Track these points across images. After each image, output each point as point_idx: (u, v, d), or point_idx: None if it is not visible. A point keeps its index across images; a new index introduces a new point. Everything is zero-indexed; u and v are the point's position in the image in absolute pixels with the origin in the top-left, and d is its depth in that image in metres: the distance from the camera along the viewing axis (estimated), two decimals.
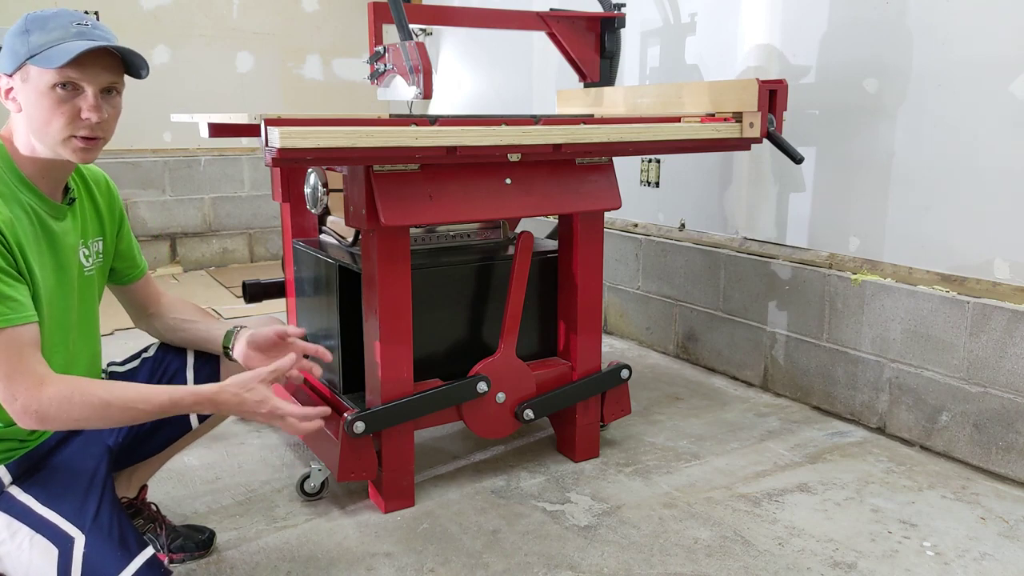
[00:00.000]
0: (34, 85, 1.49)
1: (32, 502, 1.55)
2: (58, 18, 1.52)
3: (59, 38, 1.48)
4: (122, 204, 1.86)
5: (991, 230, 2.47)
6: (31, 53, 1.48)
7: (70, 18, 1.52)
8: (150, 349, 1.96)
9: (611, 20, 3.16)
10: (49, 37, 1.48)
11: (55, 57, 1.46)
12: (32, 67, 1.48)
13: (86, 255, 1.71)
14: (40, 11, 1.54)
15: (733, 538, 2.13)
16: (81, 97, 1.51)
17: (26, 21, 1.52)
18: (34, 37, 1.48)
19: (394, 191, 1.99)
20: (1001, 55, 2.40)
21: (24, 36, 1.49)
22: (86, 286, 1.71)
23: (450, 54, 5.40)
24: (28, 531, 1.52)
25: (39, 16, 1.52)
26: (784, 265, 3.10)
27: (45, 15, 1.53)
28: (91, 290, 1.73)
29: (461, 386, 2.28)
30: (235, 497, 2.34)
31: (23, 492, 1.56)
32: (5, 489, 1.56)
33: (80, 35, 1.50)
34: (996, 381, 2.46)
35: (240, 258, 5.57)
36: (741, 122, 2.45)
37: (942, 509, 2.29)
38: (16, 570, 1.53)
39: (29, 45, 1.48)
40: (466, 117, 2.15)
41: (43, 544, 1.51)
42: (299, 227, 2.69)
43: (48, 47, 1.47)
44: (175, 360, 1.92)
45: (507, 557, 2.04)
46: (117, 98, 1.58)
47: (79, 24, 1.51)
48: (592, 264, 2.45)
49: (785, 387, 3.15)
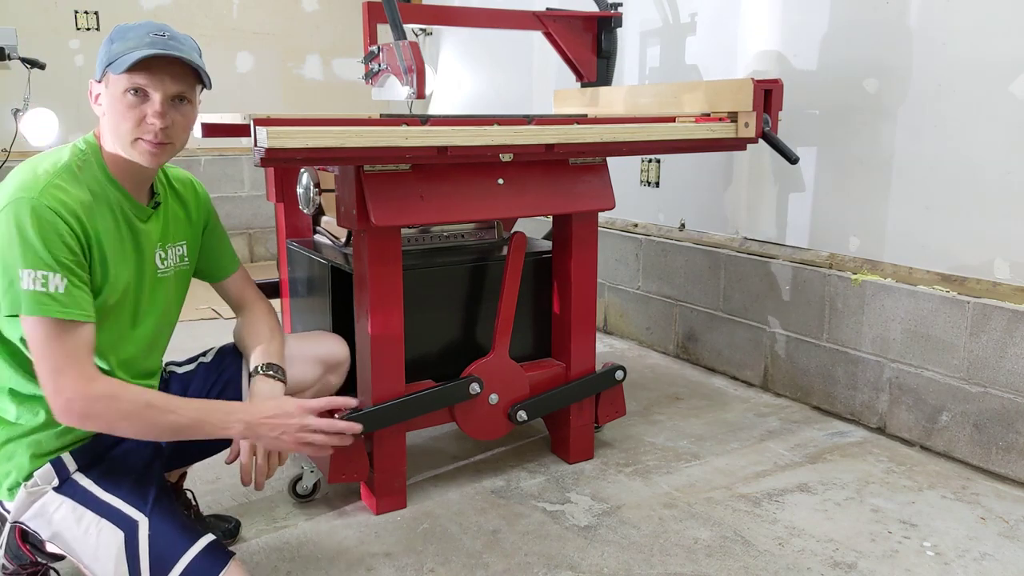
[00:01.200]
0: (111, 90, 1.58)
1: (95, 488, 1.61)
2: (139, 29, 1.60)
3: (133, 47, 1.56)
4: (211, 206, 1.96)
5: (991, 230, 2.46)
6: (109, 60, 1.57)
7: (149, 28, 1.60)
8: (208, 354, 2.02)
9: (608, 20, 3.15)
10: (126, 45, 1.57)
11: (123, 63, 1.54)
12: (110, 73, 1.57)
13: (162, 258, 1.77)
14: (128, 23, 1.63)
15: (733, 538, 2.12)
16: (148, 103, 1.58)
17: (112, 33, 1.62)
18: (115, 46, 1.58)
19: (385, 191, 1.98)
20: (1001, 55, 2.38)
21: (108, 44, 1.60)
22: (158, 287, 1.77)
23: (450, 54, 5.40)
24: (93, 516, 1.58)
25: (124, 27, 1.61)
26: (784, 265, 3.08)
27: (130, 26, 1.61)
28: (163, 292, 1.78)
29: (453, 387, 2.27)
30: (235, 497, 2.34)
31: (86, 478, 1.62)
32: (71, 475, 1.62)
33: (152, 44, 1.56)
34: (996, 381, 2.44)
35: (240, 258, 5.57)
36: (736, 122, 2.43)
37: (942, 509, 2.27)
38: (84, 553, 1.59)
39: (110, 53, 1.58)
40: (458, 117, 2.14)
41: (109, 528, 1.57)
42: (293, 227, 2.69)
43: (123, 54, 1.55)
44: (231, 366, 1.97)
45: (507, 557, 2.04)
46: (188, 106, 1.65)
47: (155, 34, 1.59)
48: (586, 265, 2.44)
49: (785, 387, 3.14)
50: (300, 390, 2.05)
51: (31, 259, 1.47)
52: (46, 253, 1.48)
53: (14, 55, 3.62)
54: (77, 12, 4.90)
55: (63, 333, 1.50)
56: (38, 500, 1.61)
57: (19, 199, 1.49)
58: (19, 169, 1.59)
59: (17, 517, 1.63)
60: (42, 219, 1.49)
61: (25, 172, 1.56)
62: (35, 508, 1.61)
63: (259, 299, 2.04)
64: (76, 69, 4.94)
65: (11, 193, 1.51)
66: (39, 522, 1.62)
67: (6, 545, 1.73)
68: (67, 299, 1.50)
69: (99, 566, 1.57)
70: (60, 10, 4.87)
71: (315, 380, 2.09)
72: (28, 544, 1.76)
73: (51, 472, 1.62)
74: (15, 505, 1.62)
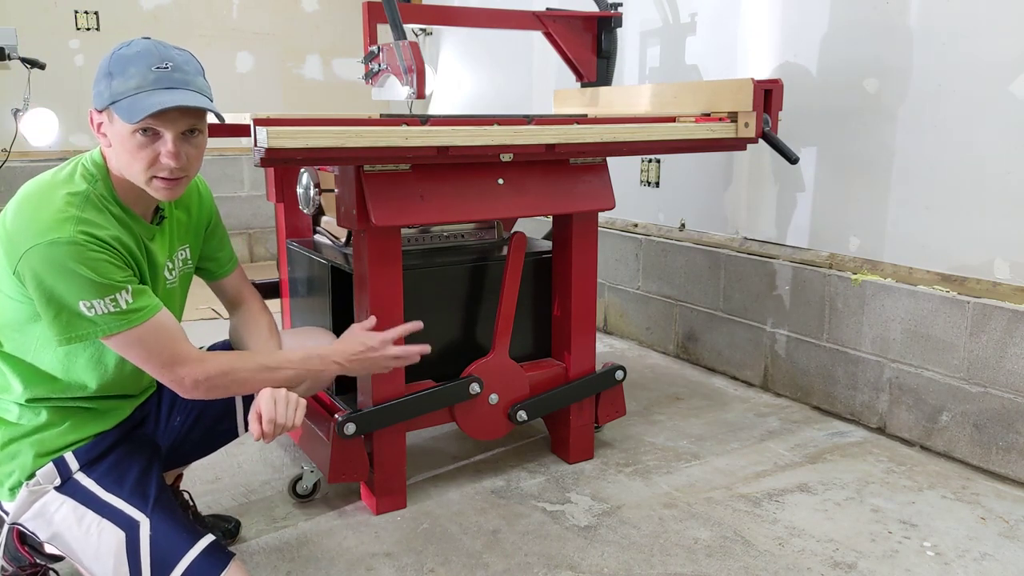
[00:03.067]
0: (118, 128, 1.53)
1: (97, 488, 1.62)
2: (139, 61, 1.52)
3: (138, 86, 1.50)
4: (213, 205, 1.94)
5: (991, 230, 2.46)
6: (113, 99, 1.51)
7: (149, 61, 1.52)
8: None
9: (607, 20, 3.15)
10: (128, 84, 1.50)
11: (133, 111, 1.49)
12: (114, 114, 1.52)
13: (170, 268, 1.78)
14: (124, 50, 1.53)
15: (733, 538, 2.12)
16: (160, 142, 1.54)
17: (110, 62, 1.53)
18: (116, 83, 1.51)
19: (385, 191, 1.98)
20: (1001, 55, 2.38)
21: (108, 80, 1.52)
22: (169, 298, 1.77)
23: (450, 54, 5.39)
24: (95, 516, 1.59)
25: (121, 57, 1.52)
26: (784, 265, 3.08)
27: (127, 56, 1.52)
28: (172, 300, 1.79)
29: (453, 387, 2.27)
30: (235, 497, 2.34)
31: (87, 478, 1.63)
32: (72, 475, 1.63)
33: (158, 82, 1.51)
34: (996, 381, 2.44)
35: (240, 258, 5.50)
36: (736, 122, 2.43)
37: (942, 509, 2.27)
38: (85, 554, 1.59)
39: (112, 90, 1.51)
40: (458, 117, 2.14)
41: (110, 528, 1.57)
42: (293, 227, 2.69)
43: (127, 95, 1.50)
44: None
45: (507, 557, 2.04)
46: (199, 136, 1.62)
47: (158, 68, 1.52)
48: (586, 265, 2.44)
49: (785, 387, 3.14)
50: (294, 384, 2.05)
51: (90, 291, 1.49)
52: (101, 279, 1.50)
53: (14, 55, 3.62)
54: (77, 12, 4.90)
55: (153, 332, 1.57)
56: (39, 500, 1.61)
57: (54, 242, 1.46)
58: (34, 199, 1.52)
59: (16, 518, 1.63)
60: (87, 255, 1.48)
61: (43, 205, 1.51)
62: (36, 508, 1.61)
63: (255, 297, 2.04)
64: (76, 69, 4.94)
65: (40, 232, 1.47)
66: (39, 523, 1.62)
67: (4, 546, 1.73)
68: (139, 302, 1.55)
69: (99, 566, 1.57)
70: (60, 10, 4.87)
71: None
72: (27, 546, 1.76)
73: (53, 471, 1.62)
74: (16, 505, 1.61)
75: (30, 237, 1.47)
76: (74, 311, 1.49)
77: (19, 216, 1.51)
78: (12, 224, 1.51)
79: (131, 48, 1.54)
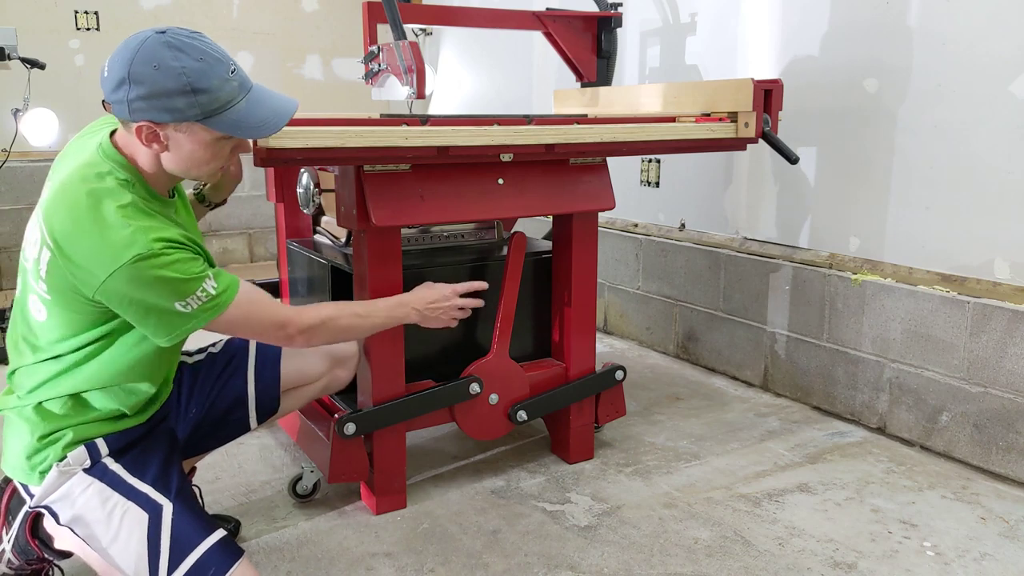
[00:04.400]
0: (198, 137, 1.57)
1: (124, 472, 1.67)
2: (212, 72, 1.53)
3: (229, 98, 1.55)
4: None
5: (991, 230, 2.46)
6: (204, 115, 1.53)
7: (219, 69, 1.54)
8: (217, 345, 2.06)
9: (607, 20, 3.15)
10: (219, 97, 1.53)
11: (245, 127, 1.58)
12: (199, 124, 1.54)
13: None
14: (192, 64, 1.51)
15: (733, 538, 2.12)
16: (230, 141, 1.64)
17: (186, 78, 1.50)
18: (202, 99, 1.52)
19: (385, 191, 1.98)
20: (1001, 55, 2.38)
21: (190, 98, 1.51)
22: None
23: (450, 54, 5.40)
24: (120, 497, 1.63)
25: (196, 71, 1.51)
26: (784, 265, 3.08)
27: (200, 71, 1.51)
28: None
29: (453, 388, 2.27)
30: (235, 497, 2.34)
31: (115, 463, 1.67)
32: (101, 459, 1.67)
33: (241, 89, 1.57)
34: (996, 381, 2.44)
35: (240, 258, 5.57)
36: (736, 122, 2.43)
37: (942, 509, 2.27)
38: (104, 536, 1.62)
39: (200, 107, 1.52)
40: (458, 117, 2.14)
41: (135, 510, 1.62)
42: (293, 227, 2.69)
43: (223, 109, 1.54)
44: (240, 352, 2.04)
45: (507, 557, 2.04)
46: None
47: (233, 72, 1.57)
48: (586, 265, 2.44)
49: (785, 387, 3.14)
50: (309, 382, 2.11)
51: (181, 291, 1.55)
52: (187, 276, 1.55)
53: (14, 55, 3.62)
54: (77, 12, 4.90)
55: (246, 305, 1.66)
56: (67, 481, 1.64)
57: (134, 261, 1.49)
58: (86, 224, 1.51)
59: (40, 500, 1.65)
60: (167, 260, 1.52)
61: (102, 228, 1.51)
62: (62, 490, 1.64)
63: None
64: (76, 69, 4.94)
65: (116, 256, 1.49)
66: (62, 504, 1.64)
67: (15, 539, 1.76)
68: (222, 283, 1.61)
69: (117, 548, 1.61)
70: (60, 10, 4.86)
71: (323, 373, 2.13)
72: (37, 539, 1.77)
73: (84, 454, 1.65)
74: (43, 486, 1.64)
75: (106, 263, 1.49)
76: (173, 313, 1.55)
77: (81, 245, 1.51)
78: (76, 254, 1.51)
79: (198, 66, 1.52)
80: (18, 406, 1.67)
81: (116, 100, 1.52)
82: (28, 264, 1.61)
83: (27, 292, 1.63)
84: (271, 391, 2.02)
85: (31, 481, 1.67)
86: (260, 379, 2.01)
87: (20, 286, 1.66)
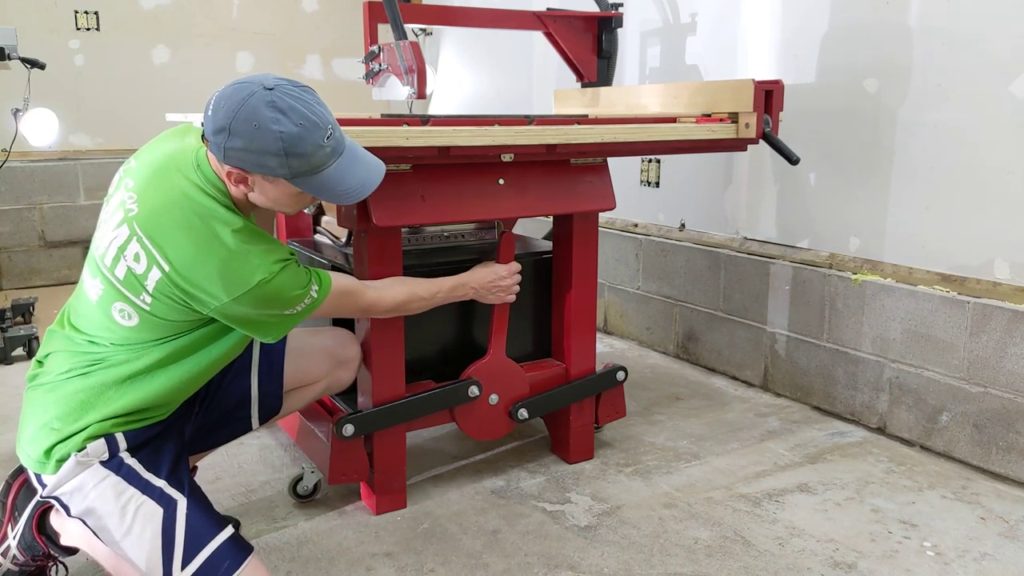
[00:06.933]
0: (283, 189, 1.64)
1: (138, 466, 1.69)
2: (310, 136, 1.57)
3: (320, 163, 1.61)
4: None
5: (991, 230, 2.46)
6: (293, 175, 1.59)
7: (316, 136, 1.58)
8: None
9: (608, 20, 3.15)
10: (310, 162, 1.59)
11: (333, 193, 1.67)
12: (294, 184, 1.62)
13: None
14: (291, 129, 1.55)
15: (733, 538, 2.12)
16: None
17: (283, 143, 1.55)
18: (294, 162, 1.57)
19: (386, 191, 1.98)
20: (1001, 55, 2.38)
21: (282, 159, 1.56)
22: None
23: (450, 54, 5.40)
24: (135, 491, 1.65)
25: (293, 137, 1.55)
26: (784, 265, 3.08)
27: (297, 136, 1.55)
28: None
29: (452, 390, 2.27)
30: (235, 497, 2.34)
31: (131, 458, 1.69)
32: (119, 453, 1.68)
33: (334, 153, 1.62)
34: (996, 381, 2.44)
35: None
36: (737, 123, 2.43)
37: (942, 509, 2.28)
38: (116, 529, 1.63)
39: (290, 168, 1.58)
40: (458, 117, 2.14)
41: (150, 504, 1.64)
42: (293, 227, 2.69)
43: (312, 173, 1.61)
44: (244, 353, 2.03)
45: (507, 557, 2.04)
46: None
47: (328, 138, 1.60)
48: (586, 265, 2.44)
49: (785, 387, 3.14)
50: (311, 383, 2.11)
51: (294, 300, 1.71)
52: (299, 288, 1.72)
53: (14, 55, 3.61)
54: (77, 12, 4.89)
55: (336, 298, 1.83)
56: (82, 472, 1.64)
57: (260, 284, 1.62)
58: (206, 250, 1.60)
59: (53, 490, 1.65)
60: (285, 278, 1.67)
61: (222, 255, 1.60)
62: (75, 481, 1.64)
63: None
64: (76, 69, 4.93)
65: (242, 281, 1.61)
66: (74, 496, 1.65)
67: (21, 535, 1.76)
68: (321, 284, 1.77)
69: (130, 541, 1.61)
70: (60, 10, 4.86)
71: (325, 374, 2.13)
72: (43, 535, 1.77)
73: (103, 446, 1.66)
74: (58, 475, 1.64)
75: (232, 288, 1.61)
76: (283, 317, 1.72)
77: (204, 271, 1.59)
78: (198, 278, 1.60)
79: (287, 119, 1.55)
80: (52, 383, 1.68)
81: (215, 142, 1.58)
82: (119, 272, 1.63)
83: (112, 299, 1.64)
84: (274, 392, 2.03)
85: (45, 470, 1.66)
86: (264, 380, 2.02)
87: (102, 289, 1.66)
